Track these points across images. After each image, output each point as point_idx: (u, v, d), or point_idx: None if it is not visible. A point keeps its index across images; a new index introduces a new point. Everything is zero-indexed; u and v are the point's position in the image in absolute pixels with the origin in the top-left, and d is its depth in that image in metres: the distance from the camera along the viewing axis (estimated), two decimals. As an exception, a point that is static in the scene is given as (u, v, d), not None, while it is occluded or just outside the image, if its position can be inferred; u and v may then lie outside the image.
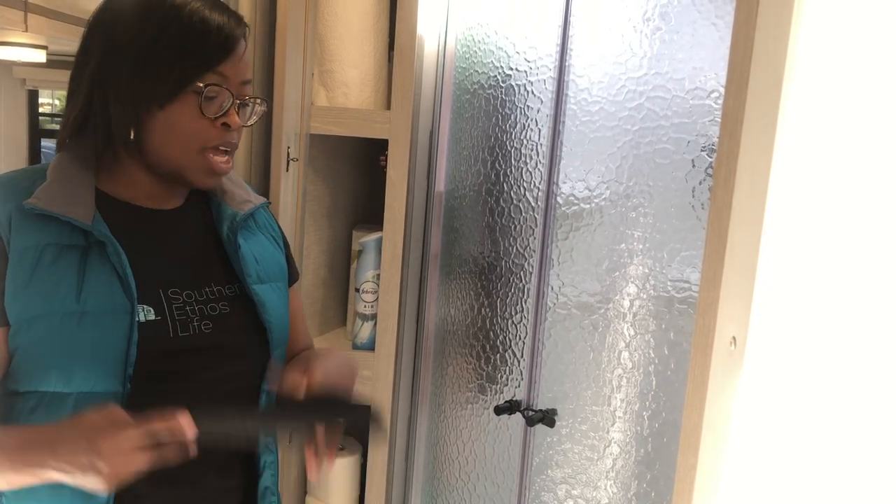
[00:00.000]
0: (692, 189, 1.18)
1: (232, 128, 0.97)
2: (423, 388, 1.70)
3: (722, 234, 0.68)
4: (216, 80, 0.94)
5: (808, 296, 0.64)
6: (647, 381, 1.26)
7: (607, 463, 1.33)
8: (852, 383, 0.66)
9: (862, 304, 0.64)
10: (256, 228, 1.12)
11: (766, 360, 0.64)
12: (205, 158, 0.97)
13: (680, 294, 1.20)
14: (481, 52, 1.54)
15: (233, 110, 0.97)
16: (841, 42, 0.63)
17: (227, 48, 0.95)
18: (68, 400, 0.90)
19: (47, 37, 3.35)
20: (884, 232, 0.65)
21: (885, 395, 0.65)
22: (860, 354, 0.65)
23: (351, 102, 1.60)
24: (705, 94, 1.16)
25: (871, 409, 0.66)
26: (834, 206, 0.64)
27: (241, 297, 1.04)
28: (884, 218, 0.65)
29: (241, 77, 0.98)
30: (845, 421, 0.66)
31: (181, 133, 0.95)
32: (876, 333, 0.65)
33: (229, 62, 0.95)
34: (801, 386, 0.66)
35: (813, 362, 0.66)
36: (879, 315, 0.64)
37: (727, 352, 0.66)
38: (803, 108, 0.63)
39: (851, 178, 0.65)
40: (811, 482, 0.68)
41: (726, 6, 1.13)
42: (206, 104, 0.94)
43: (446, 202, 1.64)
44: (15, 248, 0.90)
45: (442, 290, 1.66)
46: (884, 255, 0.65)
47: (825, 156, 0.64)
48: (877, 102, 0.64)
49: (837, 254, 0.65)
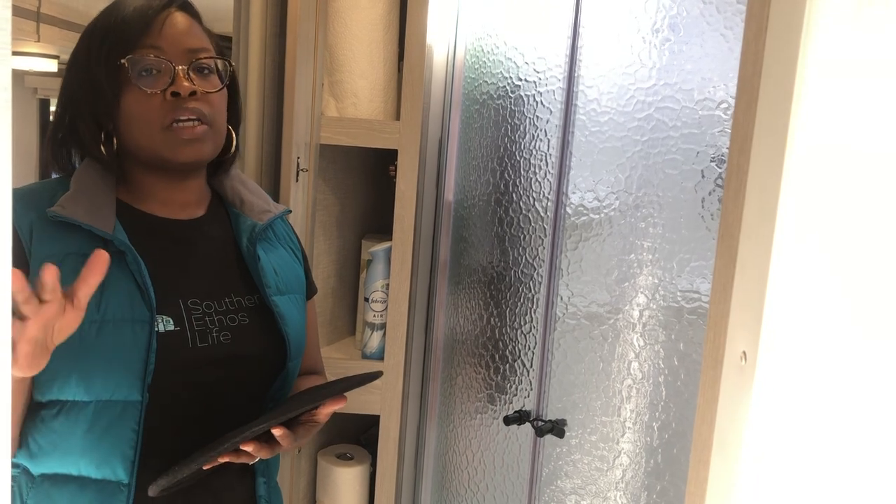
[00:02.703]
0: (701, 199, 1.18)
1: (182, 94, 0.96)
2: (432, 398, 1.70)
3: (732, 248, 0.68)
4: (146, 54, 0.95)
5: (818, 310, 0.64)
6: (657, 392, 1.25)
7: (617, 474, 1.33)
8: (864, 399, 0.66)
9: (874, 319, 0.64)
10: (276, 240, 1.12)
11: (776, 375, 0.64)
12: (170, 133, 0.96)
13: (690, 304, 1.20)
14: (490, 63, 1.54)
15: (180, 77, 0.96)
16: (852, 58, 0.63)
17: (142, 21, 0.96)
18: (88, 408, 0.91)
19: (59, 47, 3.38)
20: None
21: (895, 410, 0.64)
22: (872, 370, 0.65)
23: (360, 113, 1.61)
24: (714, 104, 1.16)
25: (883, 426, 0.66)
26: (845, 221, 0.64)
27: (260, 309, 1.04)
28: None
29: (182, 45, 0.97)
30: (857, 438, 0.66)
31: (139, 118, 0.96)
32: (889, 350, 0.64)
33: (151, 33, 0.96)
34: (812, 401, 0.66)
35: (824, 377, 0.66)
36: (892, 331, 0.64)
37: (738, 366, 0.65)
38: (813, 123, 0.63)
39: (863, 192, 0.65)
40: (823, 498, 0.68)
41: (735, 17, 1.13)
42: (143, 81, 0.95)
43: (455, 212, 1.64)
44: (36, 257, 0.91)
45: (451, 299, 1.66)
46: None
47: (836, 170, 0.64)
48: (889, 118, 0.64)
49: (849, 268, 0.65)
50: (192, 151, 0.98)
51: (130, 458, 0.92)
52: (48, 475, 0.94)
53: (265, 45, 1.52)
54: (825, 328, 0.64)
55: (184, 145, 0.97)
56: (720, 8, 1.15)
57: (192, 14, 1.01)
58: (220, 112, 1.02)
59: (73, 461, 0.93)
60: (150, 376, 0.91)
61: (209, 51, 1.01)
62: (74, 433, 0.91)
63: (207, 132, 0.98)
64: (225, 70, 1.03)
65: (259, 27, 1.50)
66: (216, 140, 1.01)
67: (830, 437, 0.66)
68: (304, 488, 1.73)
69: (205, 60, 0.99)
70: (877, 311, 0.64)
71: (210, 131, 0.99)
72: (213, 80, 1.01)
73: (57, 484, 0.94)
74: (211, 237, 1.06)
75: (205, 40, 1.01)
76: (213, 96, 0.99)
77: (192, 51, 0.98)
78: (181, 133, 0.96)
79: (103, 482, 0.93)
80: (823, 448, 0.66)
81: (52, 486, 0.94)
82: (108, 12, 0.98)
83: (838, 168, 0.64)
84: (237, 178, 1.13)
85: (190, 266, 1.02)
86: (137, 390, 0.91)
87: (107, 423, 0.91)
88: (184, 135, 0.96)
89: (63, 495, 0.93)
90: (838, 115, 0.63)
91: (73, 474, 0.93)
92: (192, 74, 0.97)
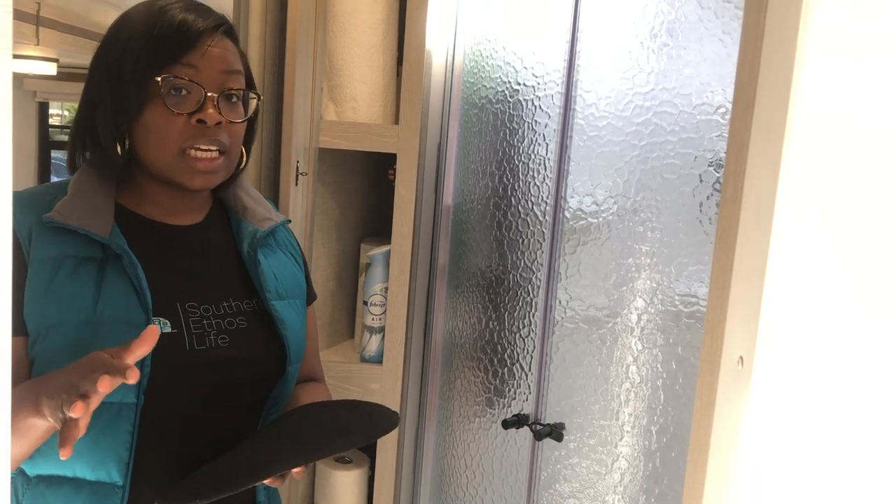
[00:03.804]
0: (699, 204, 1.18)
1: (208, 123, 0.95)
2: (431, 402, 1.70)
3: (729, 253, 0.69)
4: (181, 73, 0.94)
5: (815, 315, 0.65)
6: (656, 396, 1.26)
7: (615, 477, 1.33)
8: (860, 404, 0.66)
9: (870, 324, 0.65)
10: (276, 246, 1.12)
11: (773, 380, 0.65)
12: (186, 159, 0.95)
13: (688, 308, 1.20)
14: (489, 67, 1.54)
15: (209, 105, 0.95)
16: (847, 62, 0.64)
17: (186, 40, 0.94)
18: None
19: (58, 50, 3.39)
20: (893, 251, 0.65)
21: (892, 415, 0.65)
22: (868, 375, 0.65)
23: (359, 117, 1.61)
24: (712, 109, 1.16)
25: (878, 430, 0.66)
26: (841, 226, 0.64)
27: (259, 313, 1.04)
28: (892, 237, 0.65)
29: (218, 71, 0.96)
30: (853, 443, 0.66)
31: (158, 135, 0.95)
32: (884, 355, 0.65)
33: (194, 54, 0.94)
34: (809, 406, 0.66)
35: (821, 382, 0.66)
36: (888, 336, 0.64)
37: (735, 371, 0.66)
38: (810, 128, 0.64)
39: (859, 198, 0.65)
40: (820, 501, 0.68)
41: (733, 22, 1.14)
42: (171, 100, 0.94)
43: (454, 216, 1.64)
44: (35, 260, 0.91)
45: (450, 303, 1.66)
46: (893, 274, 0.65)
47: (832, 175, 0.65)
48: (884, 123, 0.64)
49: (845, 273, 0.65)
50: (204, 180, 0.98)
51: (125, 460, 0.93)
52: (43, 476, 0.94)
53: (264, 49, 1.53)
54: (821, 333, 0.65)
55: (198, 175, 0.96)
56: (718, 13, 1.16)
57: (234, 39, 1.01)
58: (239, 139, 1.01)
59: (68, 463, 0.93)
60: (146, 378, 0.91)
61: (241, 78, 1.00)
62: None
63: (223, 164, 0.98)
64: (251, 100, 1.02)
65: (258, 31, 1.51)
66: (230, 168, 1.01)
67: (826, 442, 0.66)
68: (302, 492, 1.74)
69: (235, 90, 0.98)
70: (873, 316, 0.65)
71: (226, 161, 0.99)
72: (239, 108, 1.00)
73: (52, 485, 0.94)
74: (211, 241, 1.07)
75: (239, 66, 1.00)
76: (235, 126, 0.99)
77: (227, 76, 0.97)
78: (197, 163, 0.95)
79: (98, 484, 0.93)
80: (820, 452, 0.67)
81: (47, 488, 0.94)
82: (147, 19, 0.95)
83: (835, 173, 0.64)
84: (240, 185, 1.13)
85: (188, 270, 1.02)
86: (133, 392, 0.91)
87: (102, 425, 0.91)
88: (199, 166, 0.96)
89: (58, 497, 0.94)
90: (835, 122, 0.63)
91: (68, 476, 0.93)
92: (221, 102, 0.96)
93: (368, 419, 1.01)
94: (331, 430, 1.00)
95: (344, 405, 1.06)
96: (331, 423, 1.00)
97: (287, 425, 0.98)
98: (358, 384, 1.65)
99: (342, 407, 1.05)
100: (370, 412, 1.02)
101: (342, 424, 1.01)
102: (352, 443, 0.98)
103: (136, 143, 0.97)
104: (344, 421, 1.01)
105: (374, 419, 1.01)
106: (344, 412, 1.03)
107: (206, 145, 0.95)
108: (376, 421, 1.01)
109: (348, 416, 1.02)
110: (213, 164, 0.97)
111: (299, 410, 1.03)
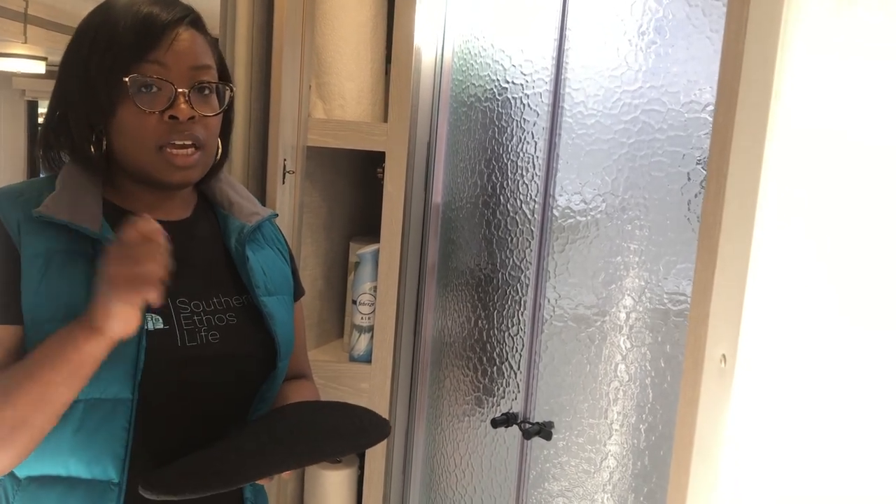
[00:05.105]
0: (688, 202, 1.18)
1: (180, 119, 0.94)
2: (420, 401, 1.70)
3: (712, 250, 0.69)
4: (148, 71, 0.93)
5: (797, 314, 0.65)
6: (644, 394, 1.25)
7: (604, 476, 1.33)
8: (842, 401, 0.66)
9: (851, 322, 0.64)
10: (264, 241, 1.12)
11: (756, 378, 0.64)
12: (164, 155, 0.95)
13: (676, 307, 1.20)
14: (478, 65, 1.54)
15: (180, 101, 0.94)
16: (830, 58, 0.64)
17: (150, 35, 0.93)
18: (78, 406, 0.90)
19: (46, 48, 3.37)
20: (874, 248, 0.65)
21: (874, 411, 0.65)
22: (849, 372, 0.65)
23: (348, 115, 1.61)
24: (700, 107, 1.16)
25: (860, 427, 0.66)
26: (824, 224, 0.64)
27: (248, 309, 1.04)
28: (874, 234, 0.65)
29: (186, 65, 0.94)
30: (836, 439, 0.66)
31: (133, 134, 0.94)
32: (865, 351, 0.65)
33: (159, 49, 0.93)
34: (791, 403, 0.66)
35: (803, 380, 0.66)
36: (869, 333, 0.64)
37: (718, 369, 0.66)
38: (792, 125, 0.63)
39: (841, 194, 0.65)
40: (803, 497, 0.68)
41: (721, 20, 1.13)
42: (141, 98, 0.93)
43: (443, 214, 1.64)
44: (25, 254, 0.91)
45: (439, 302, 1.66)
46: (874, 272, 0.65)
47: (815, 172, 0.64)
48: (866, 119, 0.64)
49: (827, 270, 0.65)
50: (182, 176, 0.97)
51: (121, 457, 0.92)
52: (34, 477, 0.93)
53: (251, 47, 1.52)
54: (803, 331, 0.65)
55: (176, 171, 0.96)
56: (706, 11, 1.16)
57: (201, 30, 0.99)
58: (215, 133, 1.01)
59: (62, 461, 0.92)
60: (139, 374, 0.91)
61: (212, 70, 0.99)
62: (63, 432, 0.91)
63: (200, 158, 0.98)
64: (225, 92, 1.02)
65: (245, 28, 1.50)
66: (207, 162, 1.01)
67: (809, 439, 0.66)
68: (291, 492, 1.73)
69: (207, 82, 0.97)
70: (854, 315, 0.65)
71: (203, 156, 0.98)
72: (213, 101, 0.99)
73: (45, 486, 0.93)
74: (198, 238, 1.06)
75: (209, 58, 0.99)
76: (209, 119, 0.98)
77: (196, 71, 0.96)
78: (174, 159, 0.95)
79: (93, 482, 0.93)
80: (802, 449, 0.66)
81: (39, 489, 0.93)
82: (112, 15, 0.94)
83: (817, 172, 0.64)
84: (225, 180, 1.13)
85: (177, 266, 1.02)
86: (128, 388, 0.91)
87: (97, 422, 0.91)
88: (176, 161, 0.95)
89: (51, 497, 0.93)
90: (817, 121, 0.63)
91: (62, 475, 0.93)
92: (193, 96, 0.95)
93: (360, 425, 1.01)
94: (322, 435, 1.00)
95: (337, 408, 1.06)
96: (323, 428, 1.00)
97: (279, 426, 0.99)
98: (347, 384, 1.65)
99: (335, 409, 1.05)
100: (362, 418, 1.03)
101: (333, 429, 1.01)
102: (341, 450, 0.99)
103: (112, 141, 0.97)
104: (335, 426, 1.01)
105: (366, 425, 1.01)
106: (337, 416, 1.03)
107: (180, 140, 0.95)
108: (367, 428, 1.01)
109: (340, 421, 1.02)
110: (189, 159, 0.96)
111: (291, 409, 1.03)
